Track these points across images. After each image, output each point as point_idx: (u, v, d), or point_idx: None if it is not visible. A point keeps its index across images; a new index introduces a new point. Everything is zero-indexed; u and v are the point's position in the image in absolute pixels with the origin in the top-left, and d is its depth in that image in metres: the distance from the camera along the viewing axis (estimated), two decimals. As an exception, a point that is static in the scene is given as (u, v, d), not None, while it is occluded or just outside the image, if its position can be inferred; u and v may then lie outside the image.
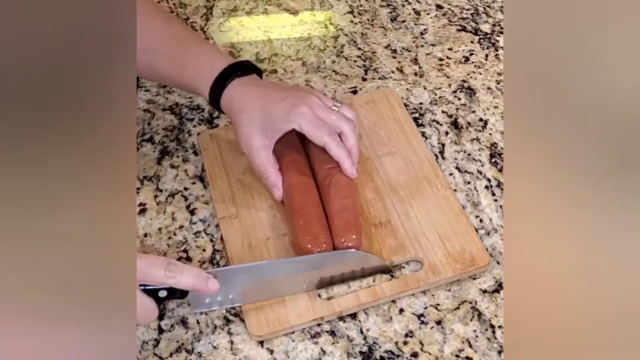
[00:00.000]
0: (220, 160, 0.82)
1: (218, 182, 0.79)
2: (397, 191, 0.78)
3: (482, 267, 0.71)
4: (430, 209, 0.76)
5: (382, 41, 1.01)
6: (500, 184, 0.81)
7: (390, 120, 0.86)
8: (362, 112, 0.87)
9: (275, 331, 0.66)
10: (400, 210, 0.76)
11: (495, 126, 0.88)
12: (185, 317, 0.69)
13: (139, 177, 0.82)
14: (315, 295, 0.68)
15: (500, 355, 0.66)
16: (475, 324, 0.68)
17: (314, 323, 0.67)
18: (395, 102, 0.89)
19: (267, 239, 0.73)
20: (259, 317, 0.67)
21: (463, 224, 0.74)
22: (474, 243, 0.72)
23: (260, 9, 1.06)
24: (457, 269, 0.70)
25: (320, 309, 0.67)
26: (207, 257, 0.74)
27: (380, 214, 0.76)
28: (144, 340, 0.67)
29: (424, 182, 0.79)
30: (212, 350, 0.66)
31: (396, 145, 0.83)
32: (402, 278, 0.70)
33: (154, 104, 0.91)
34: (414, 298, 0.70)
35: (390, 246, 0.72)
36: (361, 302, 0.68)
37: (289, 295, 0.68)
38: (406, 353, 0.66)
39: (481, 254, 0.72)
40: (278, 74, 0.95)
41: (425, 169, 0.80)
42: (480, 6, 1.06)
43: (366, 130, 0.85)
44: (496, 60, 0.97)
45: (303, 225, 0.70)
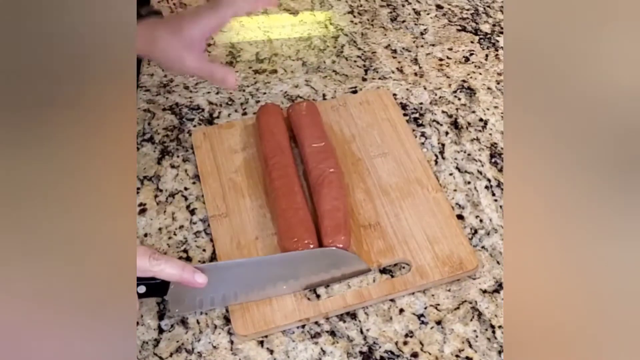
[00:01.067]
0: (213, 159, 0.82)
1: (209, 181, 0.80)
2: (388, 193, 0.78)
3: (471, 271, 0.71)
4: (420, 211, 0.76)
5: (382, 41, 1.01)
6: (500, 184, 0.81)
7: (383, 121, 0.86)
8: (356, 112, 0.87)
9: (260, 331, 0.66)
10: (391, 212, 0.76)
11: (495, 126, 0.88)
12: (185, 317, 0.69)
13: (139, 177, 0.82)
14: (302, 296, 0.69)
15: (500, 355, 0.66)
16: (475, 324, 0.68)
17: (299, 324, 0.67)
18: (389, 102, 0.89)
19: (256, 239, 0.73)
20: (244, 317, 0.67)
21: (453, 227, 0.74)
22: (463, 246, 0.72)
23: (260, 9, 1.06)
24: (445, 272, 0.70)
25: (306, 310, 0.67)
26: (207, 257, 0.74)
27: (370, 215, 0.76)
28: (144, 340, 0.67)
29: (415, 184, 0.79)
30: (212, 350, 0.66)
31: (389, 147, 0.83)
32: (389, 280, 0.70)
33: (154, 104, 0.91)
34: (413, 298, 0.70)
35: (378, 248, 0.72)
36: (347, 303, 0.68)
37: (271, 297, 0.68)
38: (406, 353, 0.66)
39: (470, 257, 0.71)
40: (278, 73, 0.95)
41: (417, 171, 0.80)
42: (480, 6, 1.06)
43: (359, 130, 0.85)
44: (496, 60, 0.97)
45: (288, 228, 0.71)
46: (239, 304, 0.68)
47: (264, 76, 0.95)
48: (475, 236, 0.76)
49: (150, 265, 0.60)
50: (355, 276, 0.71)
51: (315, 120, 0.83)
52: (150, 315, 0.69)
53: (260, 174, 0.80)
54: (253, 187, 0.78)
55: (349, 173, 0.80)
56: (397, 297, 0.70)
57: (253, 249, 0.73)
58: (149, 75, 0.95)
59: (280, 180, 0.75)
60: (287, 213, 0.72)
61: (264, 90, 0.93)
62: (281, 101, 0.91)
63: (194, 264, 0.73)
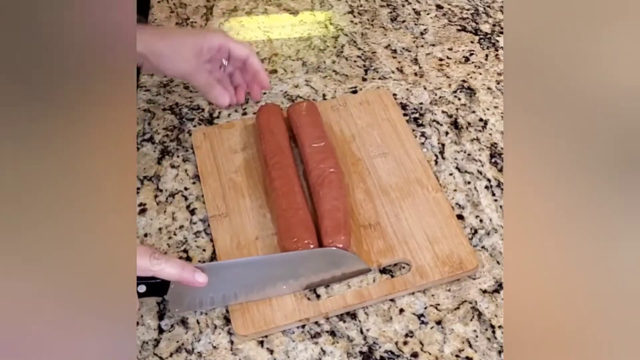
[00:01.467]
0: (213, 159, 0.82)
1: (209, 181, 0.80)
2: (388, 193, 0.78)
3: (471, 270, 0.71)
4: (420, 211, 0.76)
5: (382, 41, 1.01)
6: (500, 184, 0.81)
7: (383, 121, 0.86)
8: (356, 112, 0.87)
9: (260, 331, 0.66)
10: (391, 212, 0.76)
11: (495, 126, 0.88)
12: (185, 317, 0.69)
13: (139, 177, 0.82)
14: (302, 296, 0.69)
15: (500, 355, 0.66)
16: (475, 324, 0.68)
17: (299, 324, 0.67)
18: (390, 102, 0.89)
19: (256, 239, 0.73)
20: (244, 316, 0.67)
21: (453, 227, 0.74)
22: (463, 246, 0.72)
23: (260, 9, 1.06)
24: (445, 272, 0.70)
25: (306, 310, 0.67)
26: (207, 257, 0.74)
27: (370, 215, 0.75)
28: (144, 340, 0.67)
29: (415, 184, 0.79)
30: (212, 350, 0.66)
31: (389, 147, 0.83)
32: (389, 280, 0.70)
33: (154, 104, 0.91)
34: (413, 298, 0.70)
35: (378, 248, 0.72)
36: (347, 303, 0.68)
37: (271, 297, 0.68)
38: (406, 353, 0.66)
39: (469, 257, 0.71)
40: (278, 73, 0.95)
41: (417, 171, 0.80)
42: (480, 6, 1.06)
43: (359, 130, 0.85)
44: (496, 60, 0.97)
45: (288, 228, 0.71)
46: (239, 303, 0.68)
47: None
48: (475, 236, 0.76)
49: (150, 265, 0.60)
50: (356, 276, 0.71)
51: (315, 120, 0.83)
52: (150, 315, 0.69)
53: (260, 174, 0.80)
54: (253, 187, 0.78)
55: (349, 173, 0.80)
56: (397, 297, 0.70)
57: (253, 249, 0.73)
58: (149, 75, 0.95)
59: (280, 180, 0.75)
60: (287, 213, 0.72)
61: (264, 90, 0.93)
62: (281, 101, 0.91)
63: (194, 263, 0.73)
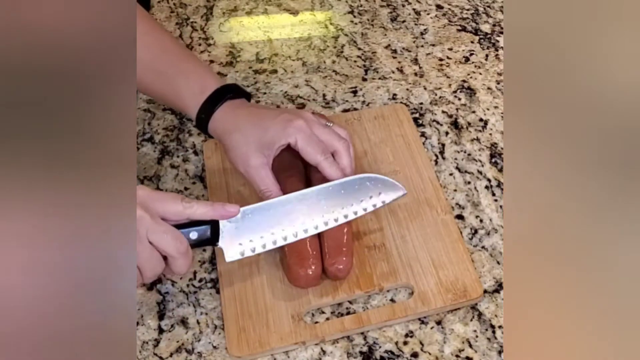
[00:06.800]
0: (222, 171, 0.81)
1: (217, 193, 0.78)
2: (396, 213, 0.76)
3: (475, 299, 0.69)
4: (427, 233, 0.74)
5: (382, 41, 1.01)
6: (500, 184, 0.81)
7: (397, 137, 0.84)
8: (370, 127, 0.86)
9: (255, 353, 0.65)
10: (397, 233, 0.74)
11: (495, 126, 0.88)
12: (185, 317, 0.69)
13: (139, 177, 0.82)
14: (299, 319, 0.67)
15: (500, 355, 0.66)
16: (475, 324, 0.68)
17: (295, 347, 0.66)
18: (405, 118, 0.87)
19: (259, 256, 0.71)
20: (239, 337, 0.66)
21: (460, 252, 0.72)
22: (469, 273, 0.70)
23: (260, 9, 1.06)
24: (447, 299, 0.68)
25: (302, 333, 0.66)
26: (207, 257, 0.74)
27: (376, 236, 0.74)
28: (144, 340, 0.67)
29: (424, 205, 0.77)
30: (212, 350, 0.66)
31: (400, 164, 0.81)
32: (390, 306, 0.68)
33: (154, 104, 0.91)
34: (414, 298, 0.70)
35: (382, 271, 0.71)
36: (345, 328, 0.67)
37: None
38: (406, 353, 0.66)
39: (474, 285, 0.69)
40: (278, 74, 0.95)
41: (427, 191, 0.78)
42: (480, 6, 1.07)
43: (372, 146, 0.83)
44: (496, 60, 0.97)
45: (292, 246, 0.68)
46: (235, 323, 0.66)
47: (264, 76, 0.95)
48: (475, 236, 0.76)
49: (183, 208, 0.61)
50: (395, 201, 0.70)
51: None
52: (150, 315, 0.69)
53: None
54: (259, 200, 0.76)
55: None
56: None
57: (255, 267, 0.71)
58: (149, 75, 0.95)
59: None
60: None
61: (264, 90, 0.93)
62: (281, 101, 0.91)
63: (194, 263, 0.73)
